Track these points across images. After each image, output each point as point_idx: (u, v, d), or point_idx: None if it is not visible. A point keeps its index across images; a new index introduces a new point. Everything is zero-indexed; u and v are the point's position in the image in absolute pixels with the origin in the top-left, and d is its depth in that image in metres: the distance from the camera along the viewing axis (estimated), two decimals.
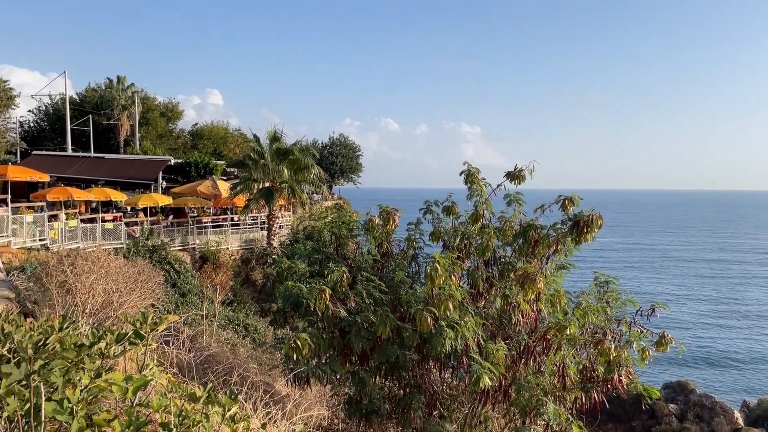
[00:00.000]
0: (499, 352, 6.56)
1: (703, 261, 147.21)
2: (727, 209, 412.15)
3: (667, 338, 7.99)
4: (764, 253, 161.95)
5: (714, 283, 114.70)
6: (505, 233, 8.21)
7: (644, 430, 33.42)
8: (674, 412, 33.46)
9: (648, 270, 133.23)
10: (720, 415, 32.88)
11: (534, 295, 7.10)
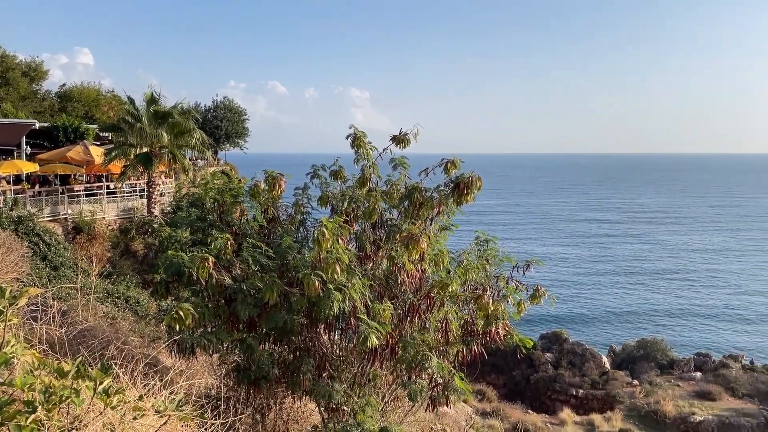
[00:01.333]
0: (386, 311, 6.73)
1: (579, 221, 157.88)
2: (599, 171, 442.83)
3: (541, 291, 8.56)
4: (633, 212, 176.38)
5: (588, 243, 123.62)
6: (391, 196, 8.35)
7: (524, 378, 35.85)
8: (550, 361, 36.12)
9: (527, 230, 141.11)
10: (590, 360, 35.88)
11: (418, 255, 7.32)
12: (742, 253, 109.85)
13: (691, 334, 63.84)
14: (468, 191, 7.99)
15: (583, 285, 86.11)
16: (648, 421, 29.35)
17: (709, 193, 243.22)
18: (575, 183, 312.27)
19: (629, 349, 38.25)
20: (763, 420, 29.52)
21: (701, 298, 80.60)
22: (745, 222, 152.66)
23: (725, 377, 33.43)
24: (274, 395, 7.80)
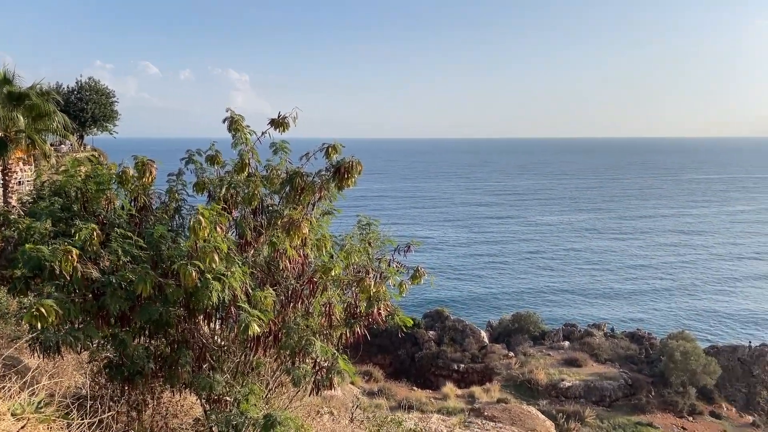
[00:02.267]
0: (267, 299, 6.64)
1: (459, 204, 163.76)
2: (475, 155, 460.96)
3: (421, 272, 8.81)
4: (507, 194, 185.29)
5: (467, 225, 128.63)
6: (272, 181, 8.21)
7: (409, 356, 36.92)
8: (433, 338, 37.43)
9: (410, 213, 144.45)
10: (470, 336, 37.58)
11: (300, 240, 7.27)
12: (603, 233, 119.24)
13: (560, 308, 68.63)
14: (349, 176, 8.03)
15: (464, 265, 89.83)
16: (523, 389, 31.33)
17: (585, 176, 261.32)
18: (455, 167, 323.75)
19: (505, 323, 40.50)
20: (623, 381, 32.49)
21: (568, 274, 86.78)
22: (607, 203, 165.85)
23: (590, 345, 36.36)
24: (151, 390, 7.48)
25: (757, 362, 35.75)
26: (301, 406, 10.22)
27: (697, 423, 30.58)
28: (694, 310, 69.91)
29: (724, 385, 34.53)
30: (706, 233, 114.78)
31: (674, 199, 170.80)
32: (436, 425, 21.91)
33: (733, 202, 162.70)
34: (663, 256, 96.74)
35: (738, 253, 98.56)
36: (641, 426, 29.22)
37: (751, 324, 64.70)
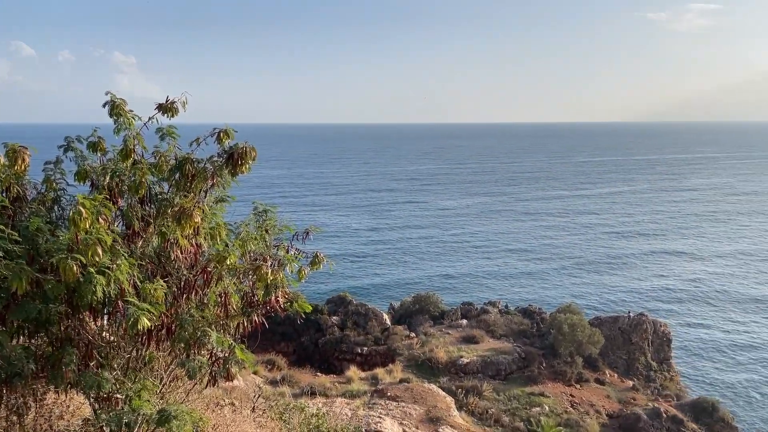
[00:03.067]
0: (158, 291, 6.40)
1: (361, 190, 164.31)
2: (377, 140, 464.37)
3: (320, 257, 8.80)
4: (409, 179, 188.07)
5: (371, 210, 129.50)
6: (160, 168, 7.87)
7: (312, 343, 36.89)
8: (336, 323, 37.59)
9: (312, 199, 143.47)
10: (373, 319, 38.08)
11: (192, 229, 7.05)
12: (500, 215, 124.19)
13: (458, 288, 70.95)
14: (243, 162, 7.84)
15: (367, 251, 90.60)
16: (424, 368, 32.24)
17: (481, 160, 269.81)
18: (357, 152, 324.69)
19: (407, 305, 41.38)
20: (517, 355, 34.18)
21: (467, 256, 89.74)
22: (503, 187, 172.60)
23: (486, 322, 37.94)
24: (33, 392, 7.02)
25: (635, 330, 38.79)
26: (199, 399, 9.98)
27: (583, 390, 32.78)
28: (580, 284, 74.65)
29: (607, 353, 37.23)
30: (591, 213, 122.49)
31: (564, 181, 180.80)
32: (341, 408, 22.11)
33: (614, 184, 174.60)
34: (554, 235, 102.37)
35: (620, 231, 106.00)
36: (534, 396, 30.94)
37: (630, 295, 70.00)
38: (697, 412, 31.88)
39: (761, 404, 44.76)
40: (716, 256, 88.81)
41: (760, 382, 48.12)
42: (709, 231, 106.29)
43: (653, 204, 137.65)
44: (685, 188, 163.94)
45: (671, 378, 39.13)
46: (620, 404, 32.11)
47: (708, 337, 57.63)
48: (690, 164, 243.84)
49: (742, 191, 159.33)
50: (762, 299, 68.92)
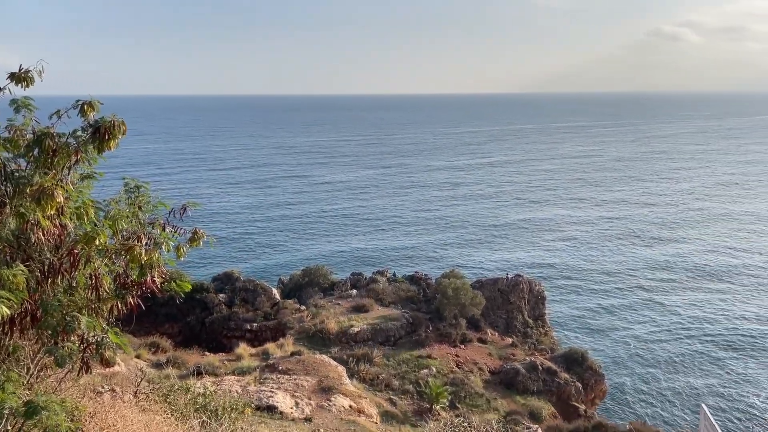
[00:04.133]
0: (18, 277, 5.96)
1: (243, 165, 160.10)
2: (260, 113, 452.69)
3: (200, 234, 8.52)
4: (294, 153, 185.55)
5: (255, 185, 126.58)
6: (16, 144, 7.25)
7: (199, 322, 35.91)
8: (223, 300, 36.79)
9: (193, 176, 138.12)
10: (261, 294, 37.62)
11: (55, 209, 6.59)
12: (384, 188, 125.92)
13: (347, 259, 71.63)
14: (110, 137, 7.39)
15: (254, 227, 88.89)
16: (316, 340, 32.46)
17: (363, 133, 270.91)
18: (239, 125, 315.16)
19: (296, 278, 41.26)
20: (405, 321, 35.24)
21: (354, 228, 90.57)
22: (386, 160, 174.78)
23: (375, 290, 38.70)
24: None
25: (513, 291, 41.20)
26: (75, 388, 9.47)
27: (467, 350, 34.50)
28: (463, 250, 77.88)
29: (489, 314, 39.32)
30: (472, 184, 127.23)
31: (446, 152, 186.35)
32: (230, 386, 21.83)
33: (493, 153, 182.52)
34: (438, 206, 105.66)
35: (499, 200, 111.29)
36: (422, 359, 32.16)
37: (508, 258, 74.03)
38: (569, 362, 34.58)
39: (622, 352, 49.39)
40: (587, 221, 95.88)
41: (620, 333, 53.00)
42: (583, 196, 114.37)
43: (529, 174, 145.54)
44: (558, 156, 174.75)
45: (546, 333, 42.09)
46: (501, 360, 34.15)
47: (577, 295, 62.45)
48: (564, 132, 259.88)
49: (607, 157, 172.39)
50: (624, 260, 75.44)
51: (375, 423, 23.24)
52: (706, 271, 68.62)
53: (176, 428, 8.19)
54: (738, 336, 51.70)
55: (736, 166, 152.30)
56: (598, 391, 35.13)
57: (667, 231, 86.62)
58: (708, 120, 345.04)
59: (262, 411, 20.42)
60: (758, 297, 60.41)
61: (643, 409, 40.76)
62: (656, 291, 62.50)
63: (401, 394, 29.06)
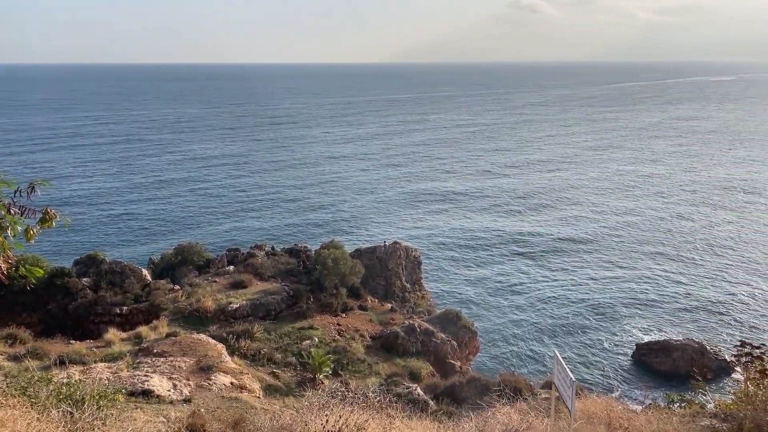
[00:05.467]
0: None
1: (104, 137, 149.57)
2: (123, 82, 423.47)
3: (51, 213, 7.88)
4: (159, 126, 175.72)
5: (117, 164, 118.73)
6: None
7: (62, 309, 33.52)
8: (88, 285, 34.55)
9: (45, 154, 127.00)
10: (130, 276, 35.71)
11: None
12: (254, 163, 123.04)
13: (223, 235, 69.63)
14: None
15: (122, 205, 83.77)
16: (192, 319, 31.45)
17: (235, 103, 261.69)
18: (93, 97, 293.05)
19: (168, 257, 39.55)
20: (285, 294, 35.05)
21: (228, 202, 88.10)
22: (258, 132, 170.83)
23: (253, 265, 38.07)
24: None
25: (391, 258, 42.27)
26: None
27: (349, 318, 35.05)
28: (342, 219, 78.44)
29: (368, 282, 40.11)
30: (349, 155, 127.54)
31: (321, 122, 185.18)
32: (100, 373, 20.70)
33: (367, 124, 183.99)
34: (314, 178, 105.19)
35: (376, 171, 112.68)
36: (304, 330, 32.24)
37: (387, 225, 75.63)
38: (444, 322, 36.22)
39: (492, 309, 52.56)
40: (460, 191, 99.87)
41: (489, 292, 56.28)
42: (455, 168, 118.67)
43: (404, 146, 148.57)
44: (431, 127, 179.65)
45: (423, 296, 43.77)
46: (381, 326, 35.05)
47: (450, 257, 65.29)
48: (436, 103, 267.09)
49: (477, 123, 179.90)
50: (493, 227, 79.66)
51: (258, 398, 23.09)
52: (567, 237, 74.28)
53: (36, 422, 7.65)
54: (592, 296, 56.80)
55: (595, 133, 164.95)
56: (472, 347, 37.20)
57: (531, 200, 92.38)
58: (568, 89, 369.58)
59: (137, 396, 19.58)
60: (612, 262, 66.48)
61: (511, 360, 43.82)
62: (524, 256, 66.82)
63: (284, 366, 29.02)
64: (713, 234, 72.00)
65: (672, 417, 12.58)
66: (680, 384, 33.04)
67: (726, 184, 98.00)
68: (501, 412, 9.75)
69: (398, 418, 9.58)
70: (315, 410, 8.69)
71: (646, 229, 74.40)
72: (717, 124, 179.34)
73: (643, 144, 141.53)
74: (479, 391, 25.48)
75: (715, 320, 49.88)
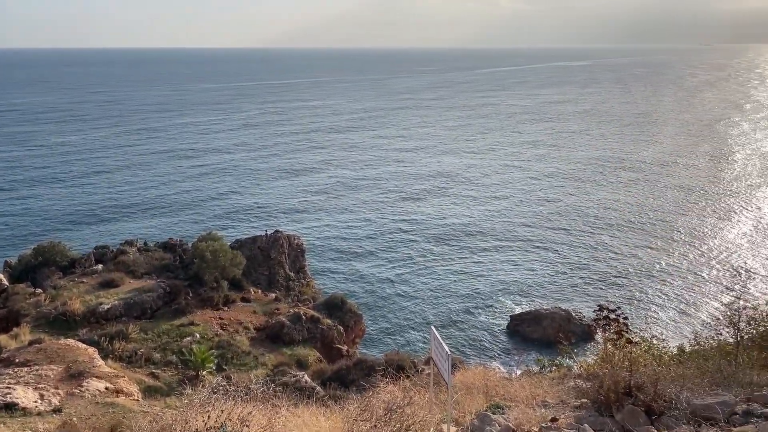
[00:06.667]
0: None
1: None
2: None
3: None
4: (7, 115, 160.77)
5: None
6: None
7: None
8: None
9: None
10: None
11: None
12: (120, 150, 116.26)
13: (87, 230, 65.18)
14: None
15: None
16: (59, 324, 29.30)
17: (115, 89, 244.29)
18: None
19: (27, 259, 36.44)
20: (162, 291, 33.53)
21: (96, 193, 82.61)
22: (132, 116, 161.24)
23: (125, 263, 36.04)
24: None
25: (273, 247, 41.68)
26: None
27: (231, 311, 34.21)
28: (219, 210, 76.15)
29: (250, 273, 39.32)
30: (222, 148, 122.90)
31: (193, 110, 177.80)
32: None
33: (244, 110, 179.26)
34: (188, 167, 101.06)
35: (253, 160, 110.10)
36: (184, 327, 31.05)
37: (266, 215, 74.49)
38: (330, 308, 36.38)
39: (377, 290, 53.55)
40: (340, 177, 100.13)
41: (374, 278, 57.27)
42: (335, 155, 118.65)
43: (280, 135, 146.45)
44: (308, 114, 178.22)
45: (307, 284, 43.63)
46: (266, 316, 34.54)
47: (333, 242, 65.56)
48: (311, 88, 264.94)
49: (347, 110, 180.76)
50: (375, 211, 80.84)
51: (137, 401, 22.00)
52: (447, 223, 76.99)
53: None
54: (470, 277, 59.52)
55: (462, 118, 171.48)
56: (358, 330, 37.71)
57: (413, 187, 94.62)
58: (443, 74, 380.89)
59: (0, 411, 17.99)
60: (488, 242, 69.84)
61: (397, 340, 44.96)
62: (406, 244, 68.50)
63: (164, 366, 27.86)
64: (581, 212, 77.76)
65: (542, 381, 13.53)
66: (550, 349, 35.59)
67: (590, 164, 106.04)
68: (384, 390, 9.99)
69: (284, 407, 9.53)
70: (196, 408, 8.43)
71: (518, 212, 78.83)
72: (582, 107, 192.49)
73: (516, 128, 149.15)
74: (366, 373, 25.94)
75: (581, 289, 54.11)
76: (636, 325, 20.75)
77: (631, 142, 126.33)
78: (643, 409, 8.90)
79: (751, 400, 9.83)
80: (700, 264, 59.90)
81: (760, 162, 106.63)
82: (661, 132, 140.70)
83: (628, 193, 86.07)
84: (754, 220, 74.06)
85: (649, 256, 61.58)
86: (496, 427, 8.18)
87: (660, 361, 9.93)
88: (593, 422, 8.79)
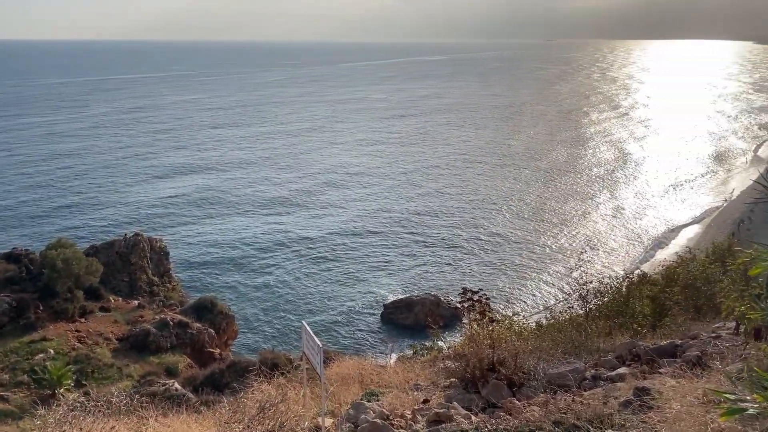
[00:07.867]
0: None
1: None
2: None
3: None
4: None
5: None
6: None
7: None
8: None
9: None
10: None
11: None
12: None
13: None
14: None
15: None
16: None
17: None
18: None
19: None
20: (7, 306, 30.50)
21: None
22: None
23: None
24: None
25: (133, 251, 39.35)
26: None
27: (89, 322, 31.88)
28: (72, 217, 70.52)
29: (109, 280, 36.87)
30: (70, 152, 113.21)
31: (37, 106, 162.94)
32: None
33: (97, 105, 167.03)
34: (35, 168, 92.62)
35: (107, 161, 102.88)
36: (35, 343, 28.52)
37: (128, 219, 70.10)
38: (199, 311, 35.06)
39: (246, 292, 52.41)
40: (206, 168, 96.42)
41: (244, 278, 56.02)
42: (192, 145, 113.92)
43: (144, 133, 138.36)
44: (170, 106, 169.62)
45: (173, 288, 41.71)
46: (129, 325, 32.57)
47: (199, 244, 63.16)
48: (170, 81, 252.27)
49: (209, 106, 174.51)
50: (247, 210, 78.78)
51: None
52: (311, 222, 76.80)
53: None
54: (344, 270, 59.97)
55: (325, 108, 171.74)
56: (231, 332, 36.70)
57: (283, 187, 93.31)
58: (301, 68, 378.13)
59: None
60: (356, 233, 70.59)
61: (271, 339, 44.33)
62: (279, 243, 67.54)
63: (14, 387, 25.44)
64: (449, 201, 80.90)
65: (415, 365, 13.97)
66: (422, 334, 36.83)
67: (458, 155, 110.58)
68: (259, 389, 9.82)
69: (152, 417, 9.06)
70: (52, 428, 7.80)
71: (389, 206, 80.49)
72: (446, 101, 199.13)
73: (382, 125, 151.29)
74: (240, 375, 25.31)
75: (449, 275, 56.48)
76: (499, 304, 22.11)
77: (495, 132, 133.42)
78: (505, 382, 9.48)
79: (598, 365, 10.83)
80: (558, 242, 64.89)
81: (609, 149, 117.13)
82: (522, 122, 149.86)
83: (493, 180, 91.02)
84: (608, 201, 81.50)
85: (515, 238, 65.67)
86: (371, 414, 8.33)
87: (520, 337, 10.62)
88: (461, 399, 9.22)
